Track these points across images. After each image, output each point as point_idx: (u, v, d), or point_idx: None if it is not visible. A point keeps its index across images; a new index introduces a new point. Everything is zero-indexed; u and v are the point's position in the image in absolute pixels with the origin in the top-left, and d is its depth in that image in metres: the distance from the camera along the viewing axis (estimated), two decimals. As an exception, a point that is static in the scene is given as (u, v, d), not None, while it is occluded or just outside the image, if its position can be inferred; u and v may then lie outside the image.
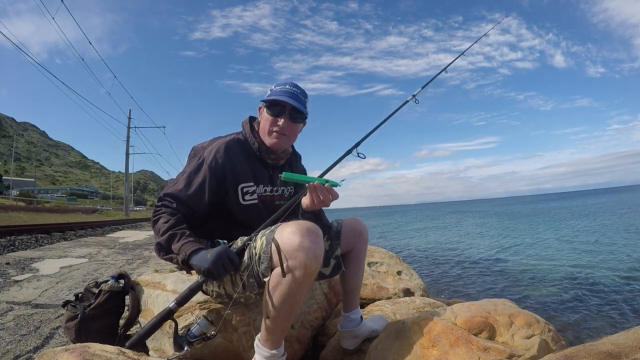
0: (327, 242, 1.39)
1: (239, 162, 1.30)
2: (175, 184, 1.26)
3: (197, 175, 1.25)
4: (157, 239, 1.18)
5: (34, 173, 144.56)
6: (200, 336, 1.09)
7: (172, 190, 1.24)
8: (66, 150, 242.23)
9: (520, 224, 16.85)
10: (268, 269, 1.05)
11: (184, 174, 1.27)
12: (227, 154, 1.28)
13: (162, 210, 1.22)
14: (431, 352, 1.08)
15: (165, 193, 1.24)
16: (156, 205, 1.25)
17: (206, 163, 1.26)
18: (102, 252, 5.17)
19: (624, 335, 0.87)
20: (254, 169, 1.33)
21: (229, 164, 1.28)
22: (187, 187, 1.24)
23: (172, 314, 1.15)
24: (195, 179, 1.25)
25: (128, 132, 25.99)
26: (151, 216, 1.26)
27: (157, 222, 1.20)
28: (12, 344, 1.61)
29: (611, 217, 16.92)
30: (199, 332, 1.09)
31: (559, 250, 7.99)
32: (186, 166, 1.30)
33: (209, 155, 1.27)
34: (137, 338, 1.14)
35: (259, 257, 1.08)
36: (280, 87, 1.32)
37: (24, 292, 2.55)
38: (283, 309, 1.02)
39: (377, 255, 2.60)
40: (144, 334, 1.15)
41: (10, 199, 34.21)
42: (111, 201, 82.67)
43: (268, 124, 1.31)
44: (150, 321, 1.15)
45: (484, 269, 6.16)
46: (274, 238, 1.04)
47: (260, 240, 1.10)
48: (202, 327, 1.10)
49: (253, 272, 1.11)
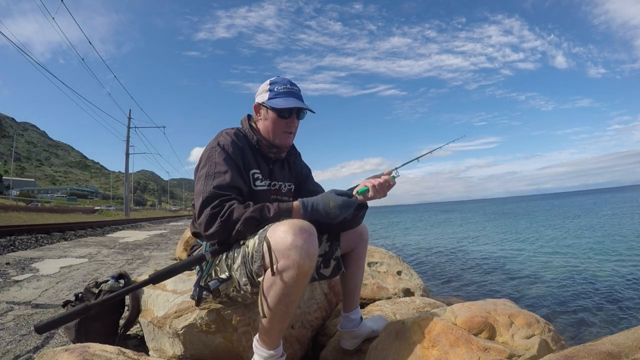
0: (327, 243, 1.39)
1: (246, 149, 1.32)
2: (214, 177, 1.19)
3: (226, 161, 1.22)
4: (247, 215, 1.10)
5: (34, 173, 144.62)
6: (215, 292, 1.20)
7: (217, 182, 1.17)
8: (66, 150, 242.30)
9: (520, 224, 16.85)
10: (261, 268, 1.04)
11: (213, 165, 1.21)
12: (238, 138, 1.30)
13: (225, 204, 1.14)
14: (431, 352, 1.08)
15: (215, 186, 1.16)
16: (212, 206, 1.13)
17: (227, 146, 1.25)
18: (102, 252, 5.17)
19: (624, 335, 0.87)
20: (257, 160, 1.35)
21: (242, 148, 1.29)
22: (225, 173, 1.19)
23: (203, 260, 1.19)
24: (229, 164, 1.22)
25: (128, 132, 25.99)
26: (208, 214, 1.13)
27: (231, 213, 1.11)
28: (12, 344, 1.61)
29: (611, 216, 16.92)
30: (215, 287, 1.20)
31: (559, 250, 7.99)
32: (208, 162, 1.23)
33: (225, 140, 1.27)
34: (163, 272, 1.13)
35: (252, 256, 1.07)
36: (282, 88, 1.31)
37: (24, 292, 2.55)
38: (278, 309, 1.01)
39: (377, 255, 2.60)
40: (173, 270, 1.15)
41: (10, 199, 34.21)
42: (111, 201, 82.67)
43: (278, 126, 1.33)
44: (182, 261, 1.18)
45: (484, 269, 6.16)
46: (265, 237, 1.03)
47: (253, 239, 1.09)
48: (219, 286, 1.20)
49: (246, 271, 1.10)
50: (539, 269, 6.01)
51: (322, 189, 1.52)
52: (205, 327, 1.31)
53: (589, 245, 8.36)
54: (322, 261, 1.37)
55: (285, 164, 1.46)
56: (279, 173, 1.41)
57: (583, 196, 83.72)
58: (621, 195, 57.25)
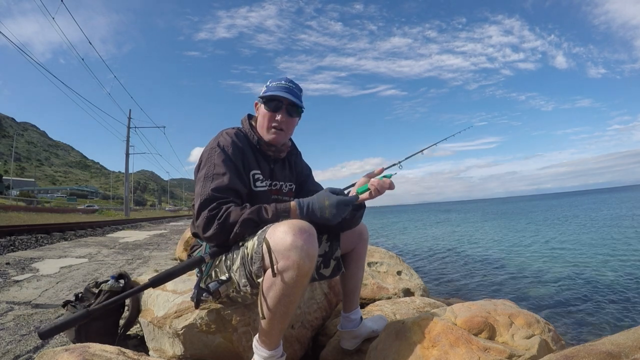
0: (327, 243, 1.39)
1: (247, 149, 1.31)
2: (212, 179, 1.19)
3: (225, 163, 1.21)
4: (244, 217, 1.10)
5: (34, 173, 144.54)
6: (215, 293, 1.21)
7: (215, 184, 1.17)
8: (66, 150, 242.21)
9: (520, 223, 16.84)
10: (260, 269, 1.04)
11: (212, 167, 1.21)
12: (238, 139, 1.30)
13: (223, 207, 1.14)
14: (431, 352, 1.08)
15: (213, 188, 1.16)
16: (209, 209, 1.13)
17: (227, 147, 1.24)
18: (102, 252, 5.17)
19: (624, 335, 0.87)
20: (257, 160, 1.35)
21: (242, 149, 1.29)
22: (224, 175, 1.19)
23: (202, 263, 1.19)
24: (228, 166, 1.21)
25: (128, 132, 25.98)
26: (205, 216, 1.13)
27: (228, 216, 1.11)
28: (12, 344, 1.61)
29: (611, 216, 16.91)
30: (215, 289, 1.21)
31: (559, 250, 7.99)
32: (207, 163, 1.23)
33: (224, 141, 1.26)
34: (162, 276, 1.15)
35: (251, 257, 1.07)
36: (276, 83, 1.34)
37: (24, 292, 2.55)
38: (278, 309, 1.02)
39: (377, 255, 2.60)
40: (173, 273, 1.16)
41: (10, 199, 34.20)
42: (111, 201, 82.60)
43: (266, 119, 1.33)
44: (181, 264, 1.18)
45: (484, 269, 6.16)
46: (265, 238, 1.02)
47: (252, 240, 1.09)
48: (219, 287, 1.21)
49: (245, 272, 1.11)
50: (539, 269, 6.01)
51: (322, 189, 1.51)
52: (205, 327, 1.31)
53: (589, 245, 8.36)
54: (322, 261, 1.37)
55: (286, 163, 1.46)
56: (279, 173, 1.41)
57: (583, 196, 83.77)
58: (621, 195, 57.27)
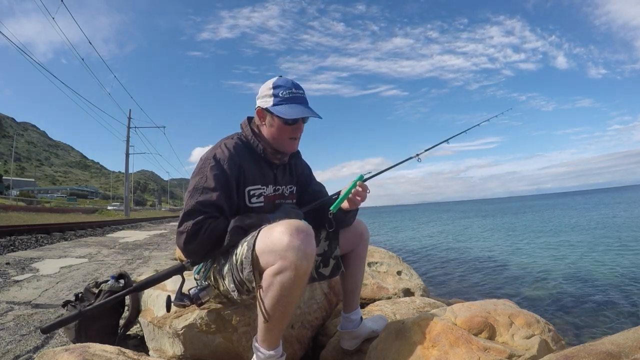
0: (326, 242, 1.39)
1: (246, 163, 1.27)
2: (201, 192, 1.18)
3: (217, 178, 1.19)
4: (210, 238, 1.14)
5: (34, 173, 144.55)
6: (195, 298, 1.22)
7: (203, 198, 1.17)
8: (66, 150, 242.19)
9: (520, 223, 16.84)
10: (251, 274, 1.05)
11: (204, 179, 1.20)
12: (237, 153, 1.26)
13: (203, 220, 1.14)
14: (431, 352, 1.08)
15: (200, 202, 1.16)
16: (194, 222, 1.13)
17: (223, 161, 1.22)
18: (102, 252, 5.17)
19: (624, 335, 0.87)
20: (261, 170, 1.32)
21: (239, 164, 1.25)
22: (213, 190, 1.18)
23: (183, 270, 1.21)
24: (220, 182, 1.19)
25: (128, 132, 25.97)
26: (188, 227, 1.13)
27: (206, 230, 1.13)
28: (12, 344, 1.61)
29: (611, 216, 16.91)
30: (194, 294, 1.23)
31: (559, 250, 7.99)
32: (199, 173, 1.22)
33: (222, 154, 1.24)
34: (143, 283, 1.23)
35: (241, 262, 1.07)
36: (287, 93, 1.25)
37: (24, 292, 2.55)
38: (277, 310, 1.02)
39: (377, 255, 2.60)
40: (152, 281, 1.23)
41: (10, 199, 34.20)
42: (111, 201, 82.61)
43: (285, 134, 1.29)
44: (161, 272, 1.23)
45: (484, 269, 6.16)
46: (255, 243, 1.04)
47: (242, 246, 1.09)
48: (199, 293, 1.23)
49: (233, 278, 1.12)
50: (539, 268, 6.01)
51: (325, 189, 1.52)
52: (205, 327, 1.31)
53: (589, 245, 8.35)
54: (321, 260, 1.37)
55: (287, 166, 1.44)
56: (281, 177, 1.40)
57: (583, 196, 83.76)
58: (621, 195, 57.30)
